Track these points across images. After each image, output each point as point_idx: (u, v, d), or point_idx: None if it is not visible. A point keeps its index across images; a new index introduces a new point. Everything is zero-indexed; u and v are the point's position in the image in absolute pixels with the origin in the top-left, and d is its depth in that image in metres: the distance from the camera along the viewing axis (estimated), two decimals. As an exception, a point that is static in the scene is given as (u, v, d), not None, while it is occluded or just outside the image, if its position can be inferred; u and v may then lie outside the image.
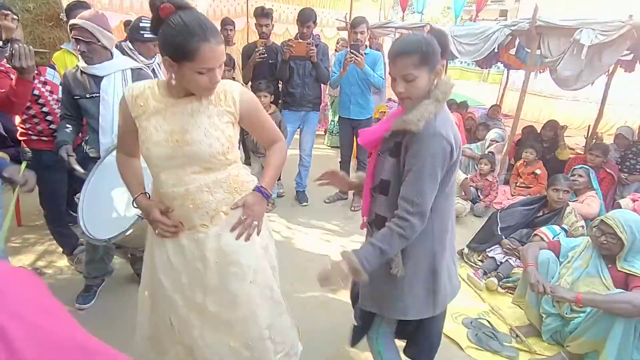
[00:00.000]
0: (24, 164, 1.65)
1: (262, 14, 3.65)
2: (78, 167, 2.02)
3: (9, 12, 2.23)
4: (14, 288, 0.42)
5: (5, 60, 2.10)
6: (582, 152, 5.06)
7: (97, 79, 2.09)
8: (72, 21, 2.02)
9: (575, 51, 3.73)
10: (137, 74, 2.19)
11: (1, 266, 0.45)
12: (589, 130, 5.40)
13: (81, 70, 2.09)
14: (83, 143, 2.27)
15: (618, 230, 2.00)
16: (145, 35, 2.50)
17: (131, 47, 2.56)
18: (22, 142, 2.46)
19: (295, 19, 3.61)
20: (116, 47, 2.30)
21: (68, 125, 2.17)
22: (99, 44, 2.02)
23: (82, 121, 2.26)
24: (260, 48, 3.56)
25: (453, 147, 1.27)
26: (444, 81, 1.31)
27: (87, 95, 2.09)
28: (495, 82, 9.29)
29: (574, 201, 3.30)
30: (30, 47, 1.74)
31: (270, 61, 3.64)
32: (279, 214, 3.70)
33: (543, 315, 2.23)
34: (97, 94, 2.08)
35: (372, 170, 1.46)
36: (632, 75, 5.23)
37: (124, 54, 2.45)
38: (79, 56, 2.08)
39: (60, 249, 2.72)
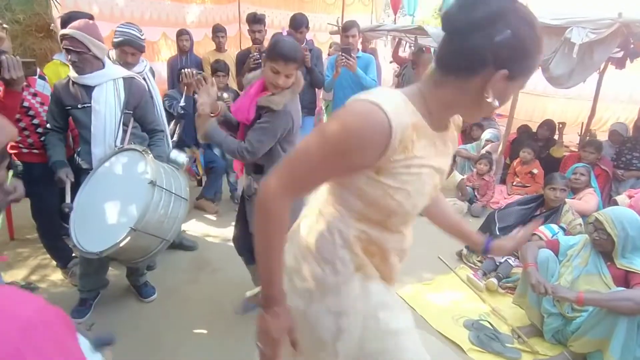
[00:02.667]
0: (11, 172, 1.61)
1: (255, 20, 3.65)
2: (68, 197, 2.01)
3: None
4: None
5: None
6: (576, 150, 5.09)
7: (89, 89, 2.07)
8: (62, 31, 2.00)
9: (566, 50, 3.75)
10: (129, 84, 2.17)
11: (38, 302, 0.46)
12: (582, 127, 5.43)
13: (72, 81, 2.07)
14: (75, 155, 2.24)
15: (608, 227, 2.00)
16: (114, 40, 2.49)
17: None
18: (12, 155, 2.42)
19: (288, 25, 3.60)
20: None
21: (58, 141, 2.16)
22: (90, 53, 2.01)
23: (67, 132, 2.25)
24: (255, 54, 3.55)
25: (293, 124, 1.88)
26: (299, 78, 1.88)
27: (79, 106, 2.07)
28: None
29: (571, 198, 3.30)
30: (18, 58, 1.71)
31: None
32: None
33: (544, 315, 2.22)
34: (89, 104, 2.06)
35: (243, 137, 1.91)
36: (622, 72, 5.27)
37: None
38: (70, 66, 2.06)
39: (54, 263, 2.67)
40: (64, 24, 2.46)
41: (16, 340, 0.39)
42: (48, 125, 2.18)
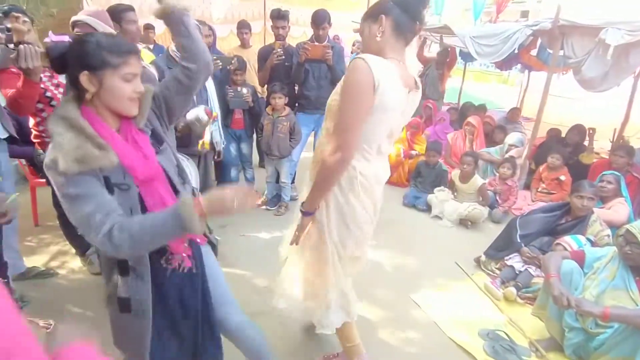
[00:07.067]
0: (13, 196, 1.61)
1: (279, 16, 3.64)
2: None
3: (20, 15, 2.25)
4: None
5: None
6: (607, 157, 4.87)
7: None
8: (74, 18, 2.02)
9: (600, 51, 3.58)
10: (141, 73, 2.19)
11: None
12: (614, 133, 5.20)
13: None
14: None
15: None
16: None
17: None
18: (35, 144, 2.49)
19: (310, 22, 3.57)
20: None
21: None
22: None
23: None
24: (278, 49, 3.54)
25: None
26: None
27: None
28: (517, 85, 9.09)
29: (600, 207, 3.15)
30: (37, 48, 1.72)
31: (286, 64, 3.62)
32: (292, 217, 3.65)
33: (565, 329, 2.11)
34: None
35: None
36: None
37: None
38: None
39: (74, 250, 2.74)
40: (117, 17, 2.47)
41: None
42: None
